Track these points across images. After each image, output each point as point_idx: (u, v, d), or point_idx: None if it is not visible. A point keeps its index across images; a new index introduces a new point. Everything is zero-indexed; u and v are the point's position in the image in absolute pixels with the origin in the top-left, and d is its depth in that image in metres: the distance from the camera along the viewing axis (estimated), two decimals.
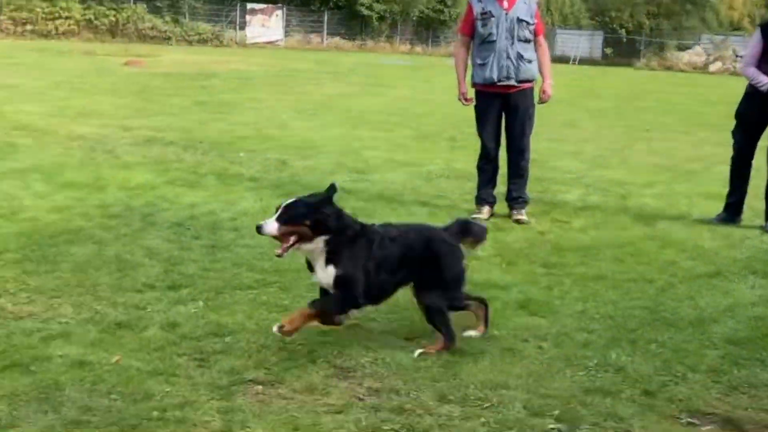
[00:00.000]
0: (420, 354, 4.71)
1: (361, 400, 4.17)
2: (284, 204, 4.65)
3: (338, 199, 4.78)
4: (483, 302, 5.08)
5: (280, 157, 10.65)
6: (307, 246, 4.64)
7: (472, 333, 4.98)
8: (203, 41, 34.83)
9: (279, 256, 4.69)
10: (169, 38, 34.90)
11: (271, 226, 4.57)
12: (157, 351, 4.64)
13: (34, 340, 4.67)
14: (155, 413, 3.91)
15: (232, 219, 7.50)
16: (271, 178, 9.44)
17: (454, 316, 4.89)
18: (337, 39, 37.33)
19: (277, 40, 36.69)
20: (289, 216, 4.58)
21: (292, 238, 4.60)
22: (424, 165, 10.56)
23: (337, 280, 4.68)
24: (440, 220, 7.73)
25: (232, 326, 5.01)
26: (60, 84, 17.73)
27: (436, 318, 4.83)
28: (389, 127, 13.86)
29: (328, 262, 4.68)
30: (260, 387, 4.27)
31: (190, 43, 34.66)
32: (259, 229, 4.60)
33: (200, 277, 5.90)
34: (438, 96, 18.40)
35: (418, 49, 34.56)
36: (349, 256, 4.68)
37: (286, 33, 37.95)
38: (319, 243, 4.63)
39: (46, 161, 9.67)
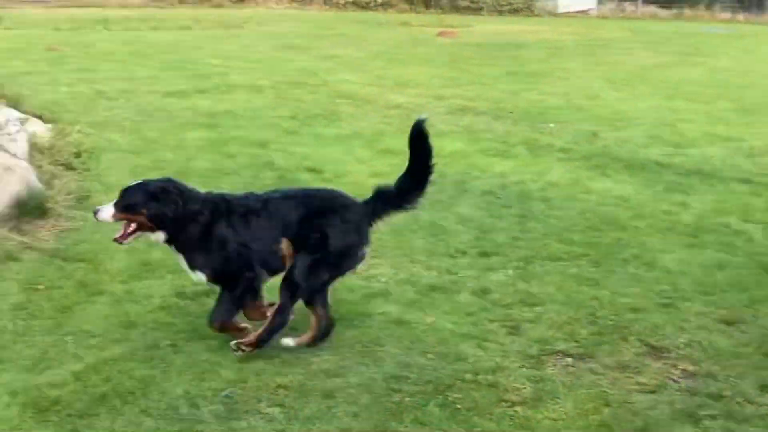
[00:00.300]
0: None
1: (675, 382, 4.06)
2: (124, 188, 4.26)
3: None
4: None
5: (591, 128, 10.46)
6: (150, 236, 4.25)
7: (289, 341, 4.31)
8: (514, 11, 34.81)
9: (117, 241, 4.26)
10: (480, 8, 35.23)
11: (107, 212, 4.19)
12: (469, 315, 4.79)
13: (357, 297, 5.00)
14: (468, 375, 4.05)
15: (542, 189, 7.51)
16: (582, 149, 9.31)
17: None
18: (652, 7, 35.76)
19: (589, 9, 35.81)
20: (126, 204, 4.17)
21: (133, 226, 4.20)
22: (746, 140, 9.91)
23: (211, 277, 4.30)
24: (764, 202, 7.27)
25: (541, 296, 5.07)
26: (378, 54, 18.52)
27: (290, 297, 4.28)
28: (707, 99, 13.13)
29: (189, 264, 4.29)
30: (570, 359, 4.29)
31: (500, 13, 34.76)
32: (94, 214, 4.25)
33: (510, 245, 6.00)
34: (762, 67, 17.17)
35: (740, 17, 32.29)
36: (206, 248, 4.23)
37: (599, 1, 36.98)
38: (162, 235, 4.23)
39: (366, 128, 10.20)
